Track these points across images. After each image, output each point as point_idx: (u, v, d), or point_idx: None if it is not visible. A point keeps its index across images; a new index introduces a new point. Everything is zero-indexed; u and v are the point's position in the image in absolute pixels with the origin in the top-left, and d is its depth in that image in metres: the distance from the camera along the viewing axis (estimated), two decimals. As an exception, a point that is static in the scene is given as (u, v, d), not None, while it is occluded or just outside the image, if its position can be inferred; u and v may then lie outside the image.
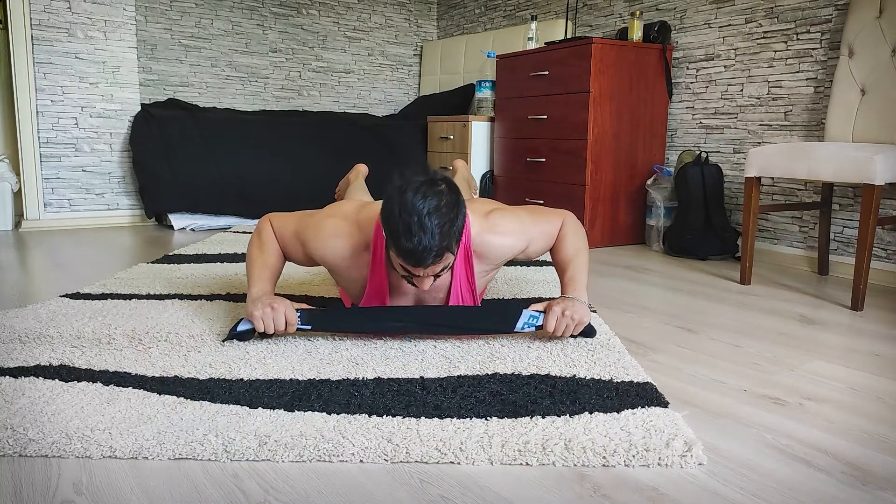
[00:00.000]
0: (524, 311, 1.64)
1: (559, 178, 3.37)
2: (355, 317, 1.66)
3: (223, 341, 1.64)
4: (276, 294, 1.78)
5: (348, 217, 1.65)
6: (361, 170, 2.85)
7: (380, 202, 1.63)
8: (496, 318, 1.65)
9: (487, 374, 1.45)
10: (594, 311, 2.00)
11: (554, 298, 1.69)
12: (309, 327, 1.63)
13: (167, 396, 1.31)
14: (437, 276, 1.48)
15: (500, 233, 1.64)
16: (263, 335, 1.65)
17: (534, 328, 1.64)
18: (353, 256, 1.62)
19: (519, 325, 1.63)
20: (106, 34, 3.69)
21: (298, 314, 1.62)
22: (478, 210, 1.68)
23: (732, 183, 3.14)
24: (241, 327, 1.63)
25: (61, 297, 2.07)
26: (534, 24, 3.81)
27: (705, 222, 3.02)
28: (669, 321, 1.98)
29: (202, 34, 4.38)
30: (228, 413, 1.24)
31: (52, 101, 3.60)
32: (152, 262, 2.65)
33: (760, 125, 3.01)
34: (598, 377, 1.44)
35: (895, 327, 1.97)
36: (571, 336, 1.68)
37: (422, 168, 1.48)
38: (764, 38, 2.96)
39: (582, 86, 3.19)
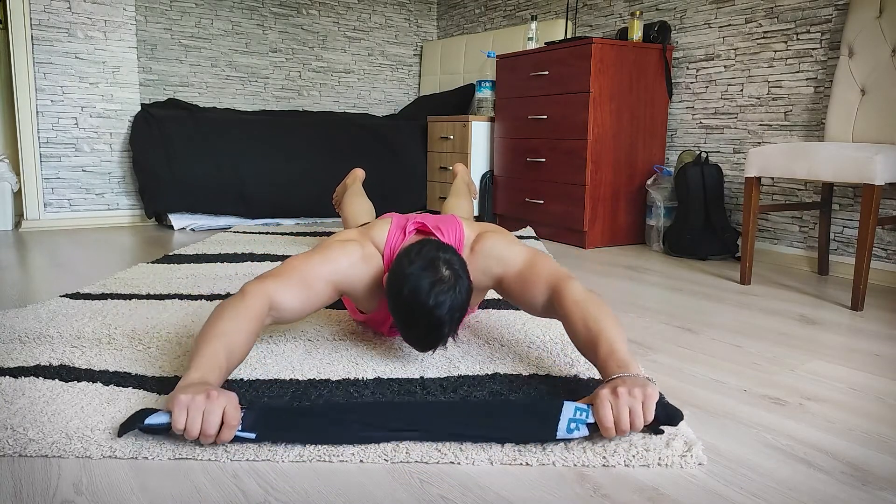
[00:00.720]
0: (566, 404, 1.13)
1: (559, 178, 3.37)
2: (331, 419, 1.14)
3: (119, 434, 1.11)
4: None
5: (364, 241, 1.52)
6: (358, 174, 2.85)
7: (378, 223, 1.59)
8: (530, 420, 1.13)
9: (487, 374, 1.45)
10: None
11: (599, 387, 1.17)
12: (253, 436, 1.11)
13: (167, 396, 1.31)
14: None
15: (481, 256, 1.53)
16: (180, 437, 1.13)
17: (584, 428, 1.11)
18: (377, 279, 1.50)
19: (562, 427, 1.11)
20: (106, 34, 3.69)
21: (241, 415, 1.11)
22: (469, 233, 1.60)
23: (732, 183, 3.14)
24: (151, 419, 1.10)
25: (61, 297, 2.07)
26: (534, 24, 3.81)
27: (705, 222, 3.02)
28: (669, 321, 1.98)
29: (202, 34, 4.38)
30: (228, 413, 1.23)
31: (52, 101, 3.60)
32: (152, 262, 2.65)
33: (760, 125, 3.01)
34: (598, 377, 1.44)
35: (895, 327, 1.97)
36: (648, 429, 1.17)
37: (423, 245, 1.38)
38: (764, 38, 2.96)
39: (582, 86, 3.19)
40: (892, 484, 1.06)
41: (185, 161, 3.64)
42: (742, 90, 3.07)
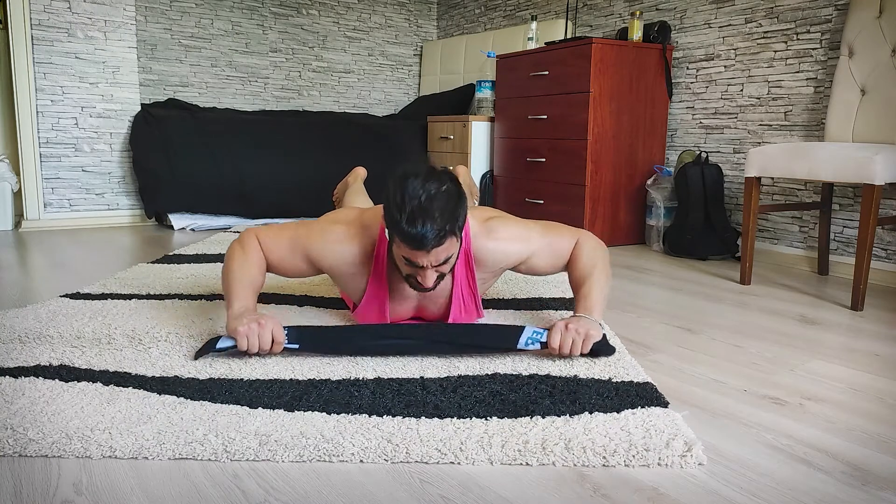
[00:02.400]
0: (527, 327, 1.55)
1: (559, 178, 3.37)
2: (349, 336, 1.53)
3: (195, 357, 1.49)
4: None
5: (352, 222, 1.62)
6: (360, 173, 2.85)
7: (380, 206, 1.63)
8: (498, 336, 1.54)
9: (487, 374, 1.45)
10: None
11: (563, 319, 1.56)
12: (297, 346, 1.50)
13: (167, 396, 1.31)
14: (439, 272, 1.47)
15: (498, 238, 1.62)
16: (245, 354, 1.51)
17: (538, 344, 1.52)
18: (361, 262, 1.60)
19: (522, 341, 1.52)
20: (106, 34, 3.69)
21: (286, 332, 1.50)
22: (477, 216, 1.65)
23: (732, 183, 3.14)
24: (221, 344, 1.48)
25: (61, 297, 2.07)
26: (534, 24, 3.82)
27: (705, 222, 3.02)
28: (669, 321, 1.98)
29: (202, 34, 4.38)
30: (228, 413, 1.24)
31: (52, 101, 3.60)
32: (152, 262, 2.65)
33: (760, 125, 3.01)
34: (597, 377, 1.44)
35: (895, 327, 1.97)
36: (584, 355, 1.54)
37: (423, 161, 1.49)
38: (764, 38, 2.96)
39: (582, 86, 3.19)
40: (892, 484, 1.06)
41: (185, 161, 3.64)
42: (742, 90, 3.07)
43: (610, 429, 1.18)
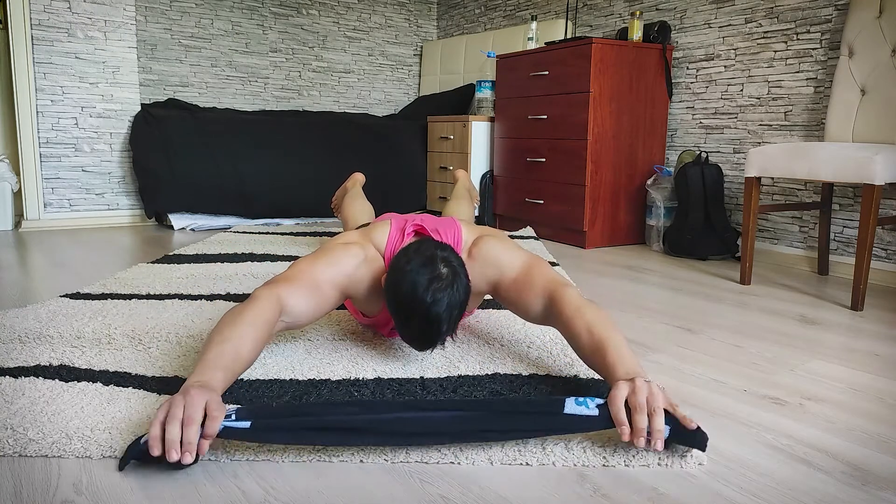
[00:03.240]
0: (568, 398, 1.12)
1: (559, 178, 3.37)
2: (330, 415, 1.08)
3: (119, 468, 1.05)
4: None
5: (365, 244, 1.52)
6: (358, 178, 2.85)
7: (378, 225, 1.59)
8: (534, 410, 1.10)
9: (487, 374, 1.45)
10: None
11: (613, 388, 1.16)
12: (247, 425, 1.05)
13: (167, 396, 1.31)
14: None
15: (478, 260, 1.52)
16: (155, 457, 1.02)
17: (593, 406, 1.10)
18: (380, 280, 1.50)
19: (568, 404, 1.10)
20: (106, 34, 3.69)
21: (234, 408, 1.08)
22: (468, 237, 1.60)
23: (732, 183, 3.14)
24: (144, 437, 1.05)
25: (61, 297, 2.07)
26: (534, 24, 3.81)
27: (705, 222, 3.02)
28: (669, 321, 1.98)
29: (202, 34, 4.38)
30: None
31: (52, 101, 3.60)
32: (152, 262, 2.65)
33: (760, 125, 3.01)
34: (598, 377, 1.44)
35: (895, 327, 1.97)
36: (674, 441, 1.11)
37: (422, 244, 1.38)
38: (764, 38, 2.96)
39: (582, 86, 3.19)
40: (892, 484, 1.06)
41: (185, 161, 3.64)
42: (742, 90, 3.07)
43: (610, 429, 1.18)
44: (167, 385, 1.36)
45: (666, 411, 1.09)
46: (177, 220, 3.69)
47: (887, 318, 2.06)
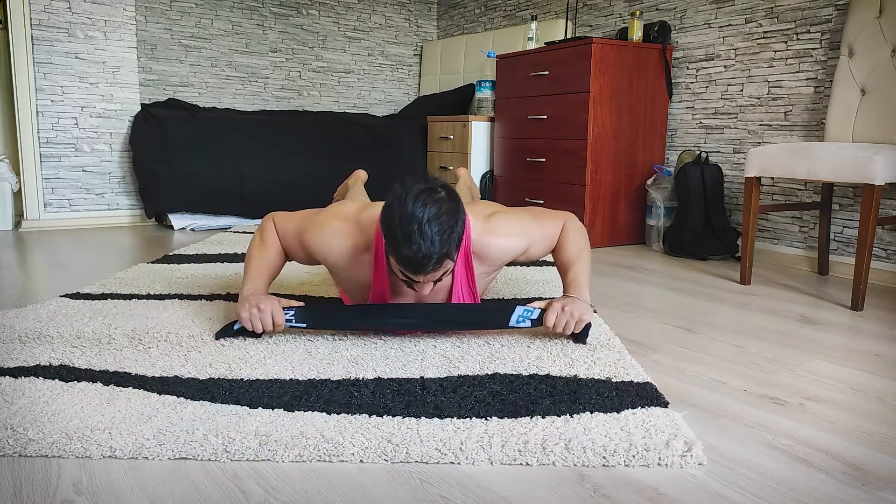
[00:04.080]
0: (518, 306, 1.66)
1: (559, 178, 3.37)
2: (350, 314, 1.65)
3: (216, 337, 1.66)
4: (270, 293, 1.77)
5: (349, 218, 1.64)
6: (361, 175, 2.85)
7: (381, 203, 1.63)
8: (491, 313, 1.65)
9: (487, 374, 1.45)
10: (595, 313, 1.99)
11: (555, 298, 1.69)
12: (304, 325, 1.64)
13: (167, 396, 1.31)
14: (437, 280, 1.48)
15: (501, 234, 1.65)
16: (255, 334, 1.66)
17: (528, 322, 1.64)
18: (353, 258, 1.62)
19: (513, 319, 1.63)
20: (106, 34, 3.69)
21: (292, 312, 1.63)
22: (479, 212, 1.68)
23: (732, 183, 3.14)
24: (236, 326, 1.67)
25: (61, 297, 2.07)
26: (534, 24, 3.81)
27: (705, 222, 3.02)
28: (669, 321, 1.98)
29: (202, 34, 4.38)
30: (228, 413, 1.24)
31: (52, 101, 3.60)
32: (152, 262, 2.65)
33: (760, 125, 3.01)
34: (598, 377, 1.44)
35: (895, 327, 1.97)
36: (570, 337, 1.68)
37: (422, 175, 1.47)
38: (764, 38, 2.96)
39: (582, 86, 3.19)
40: (892, 484, 1.06)
41: (185, 161, 3.64)
42: (742, 90, 3.07)
43: (610, 429, 1.18)
44: (167, 385, 1.36)
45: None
46: (177, 220, 3.69)
47: (887, 318, 2.06)
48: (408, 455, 1.10)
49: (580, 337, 1.67)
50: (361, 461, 1.09)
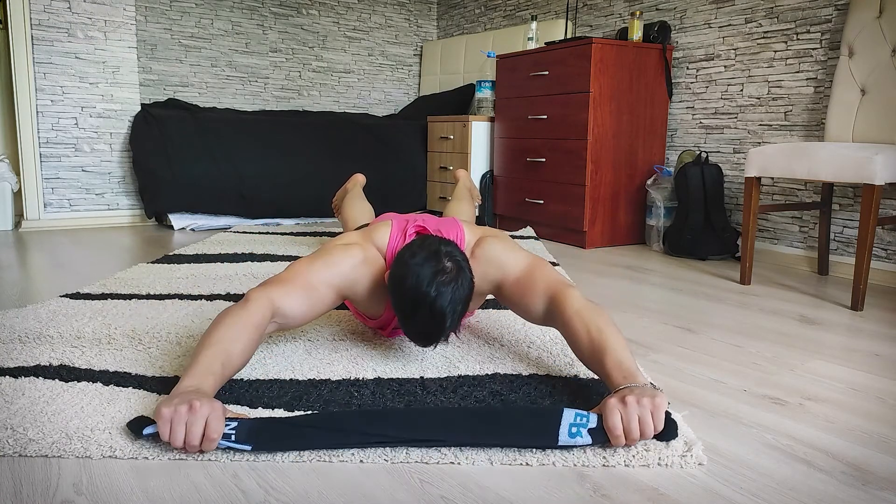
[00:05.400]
0: (566, 410, 1.14)
1: (559, 178, 3.37)
2: (329, 424, 1.12)
3: (128, 427, 1.14)
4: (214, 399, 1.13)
5: (365, 244, 1.52)
6: (359, 179, 2.85)
7: (379, 225, 1.59)
8: (531, 425, 1.13)
9: (487, 374, 1.45)
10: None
11: (605, 398, 1.17)
12: (248, 448, 1.09)
13: (167, 397, 1.30)
14: None
15: (481, 261, 1.51)
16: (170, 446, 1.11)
17: (586, 436, 1.11)
18: (380, 281, 1.50)
19: (563, 434, 1.11)
20: (106, 34, 3.69)
21: (234, 425, 1.10)
22: (470, 237, 1.60)
23: (732, 183, 3.14)
24: (148, 429, 1.12)
25: (61, 297, 2.07)
26: (534, 24, 3.82)
27: (705, 222, 3.02)
28: (669, 321, 1.98)
29: (202, 34, 4.38)
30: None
31: (52, 101, 3.60)
32: (152, 262, 2.65)
33: (760, 125, 3.01)
34: (597, 377, 1.44)
35: (895, 327, 1.97)
36: (656, 438, 1.14)
37: (426, 241, 1.38)
38: (764, 38, 2.96)
39: (582, 86, 3.19)
40: (892, 484, 1.06)
41: (185, 161, 3.64)
42: (742, 90, 3.07)
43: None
44: (167, 385, 1.36)
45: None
46: (177, 220, 3.69)
47: (887, 318, 2.06)
48: (408, 455, 1.10)
49: (668, 434, 1.13)
50: (361, 461, 1.09)
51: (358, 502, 0.98)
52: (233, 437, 1.09)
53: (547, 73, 3.39)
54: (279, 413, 1.24)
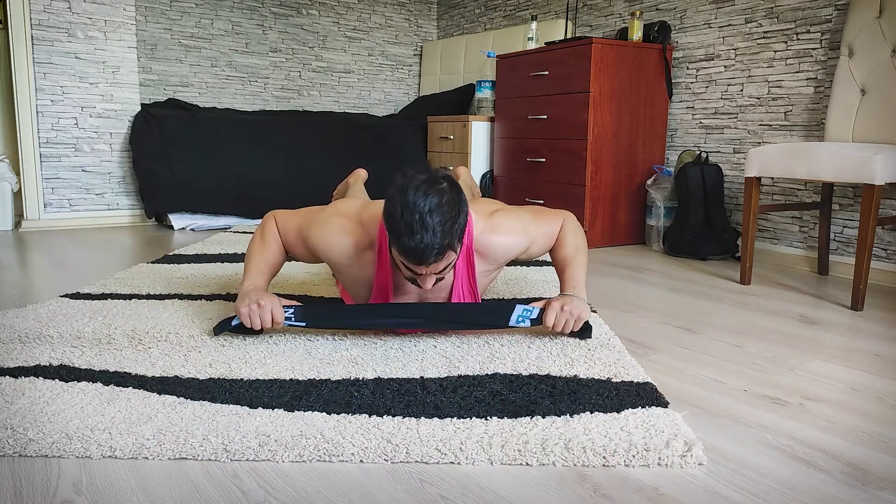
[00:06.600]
0: (518, 305, 1.65)
1: (559, 178, 3.37)
2: (350, 313, 1.63)
3: (214, 332, 1.66)
4: (271, 292, 1.77)
5: (351, 215, 1.65)
6: (361, 174, 2.85)
7: (382, 201, 1.63)
8: (491, 313, 1.64)
9: (487, 374, 1.45)
10: (594, 312, 2.00)
11: (552, 297, 1.70)
12: (303, 324, 1.61)
13: (167, 396, 1.31)
14: (439, 276, 1.48)
15: (503, 233, 1.65)
16: (253, 331, 1.65)
17: (528, 322, 1.64)
18: (356, 255, 1.62)
19: (513, 319, 1.63)
20: (106, 34, 3.69)
21: (292, 310, 1.61)
22: (481, 210, 1.68)
23: (732, 183, 3.14)
24: (234, 322, 1.64)
25: (61, 297, 2.07)
26: (534, 24, 3.82)
27: (705, 222, 3.02)
28: (669, 321, 1.98)
29: (202, 34, 4.38)
30: (228, 413, 1.24)
31: (52, 101, 3.60)
32: (152, 262, 2.65)
33: (760, 125, 3.01)
34: (598, 377, 1.44)
35: (895, 327, 1.97)
36: (570, 334, 1.70)
37: (423, 166, 1.47)
38: (764, 38, 2.96)
39: (582, 86, 3.19)
40: (892, 484, 1.06)
41: (185, 161, 3.64)
42: (742, 90, 3.07)
43: (610, 429, 1.18)
44: (167, 385, 1.36)
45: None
46: (177, 220, 3.69)
47: (887, 318, 2.06)
48: (408, 455, 1.10)
49: (584, 333, 1.68)
50: (361, 461, 1.09)
51: (358, 502, 0.98)
52: (293, 319, 1.61)
53: (547, 73, 3.39)
54: (279, 412, 1.24)
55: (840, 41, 2.59)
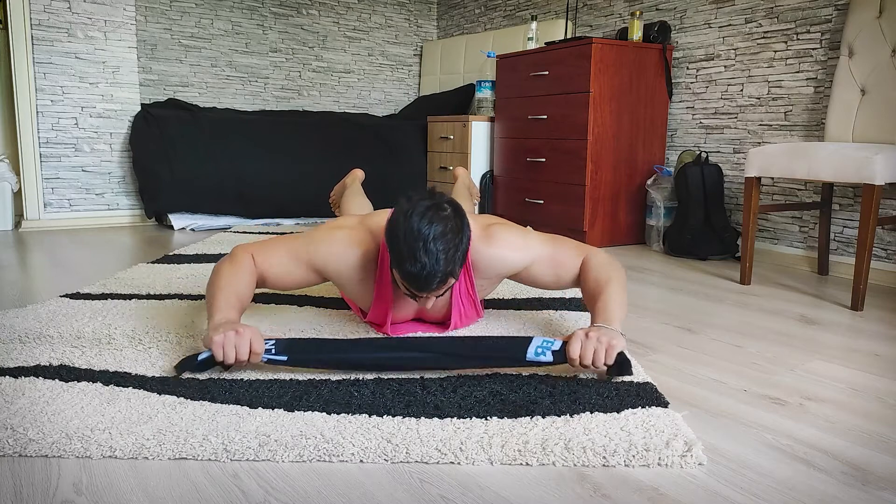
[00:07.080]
0: (535, 337, 1.42)
1: (559, 178, 3.37)
2: (343, 348, 1.43)
3: (177, 371, 1.40)
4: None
5: (356, 227, 1.61)
6: (358, 175, 2.85)
7: (380, 211, 1.63)
8: (504, 347, 1.42)
9: (487, 374, 1.45)
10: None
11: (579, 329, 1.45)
12: (284, 358, 1.39)
13: (167, 396, 1.31)
14: (440, 295, 1.47)
15: (497, 245, 1.60)
16: (224, 366, 1.40)
17: (549, 353, 1.38)
18: (365, 266, 1.58)
19: (531, 352, 1.38)
20: (106, 34, 3.69)
21: (272, 342, 1.40)
22: (478, 221, 1.65)
23: (732, 183, 3.14)
24: (201, 356, 1.38)
25: (61, 297, 2.07)
26: (534, 24, 3.82)
27: (705, 222, 3.02)
28: (669, 321, 1.98)
29: (202, 34, 4.38)
30: (228, 413, 1.24)
31: (52, 101, 3.60)
32: (152, 262, 2.65)
33: (760, 125, 3.01)
34: (597, 377, 1.44)
35: (895, 327, 1.97)
36: (607, 371, 1.40)
37: (427, 191, 1.46)
38: (764, 38, 2.96)
39: (582, 86, 3.19)
40: (892, 484, 1.06)
41: (185, 161, 3.64)
42: (742, 90, 3.07)
43: (610, 429, 1.18)
44: (167, 385, 1.36)
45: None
46: (177, 220, 3.69)
47: (887, 318, 2.06)
48: (408, 455, 1.10)
49: (623, 368, 1.38)
50: (361, 461, 1.09)
51: (358, 502, 0.98)
52: (273, 351, 1.38)
53: (547, 73, 3.39)
54: (279, 412, 1.24)
55: (840, 41, 2.59)
